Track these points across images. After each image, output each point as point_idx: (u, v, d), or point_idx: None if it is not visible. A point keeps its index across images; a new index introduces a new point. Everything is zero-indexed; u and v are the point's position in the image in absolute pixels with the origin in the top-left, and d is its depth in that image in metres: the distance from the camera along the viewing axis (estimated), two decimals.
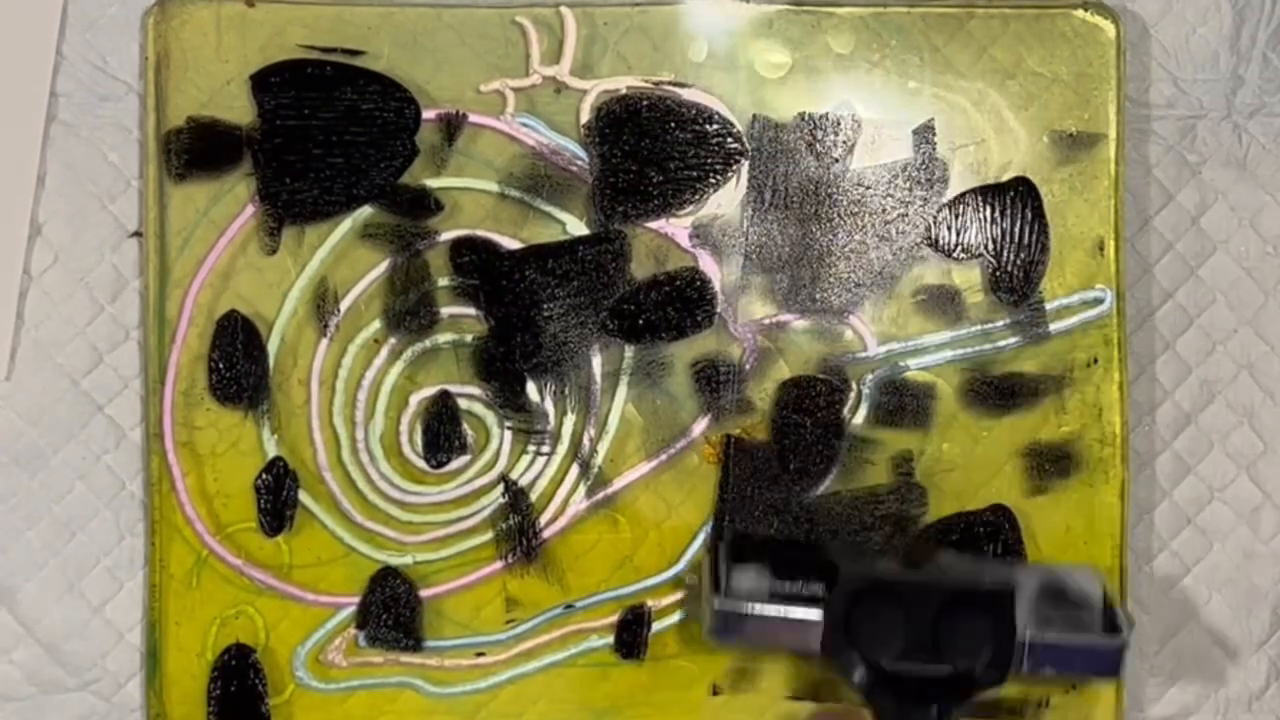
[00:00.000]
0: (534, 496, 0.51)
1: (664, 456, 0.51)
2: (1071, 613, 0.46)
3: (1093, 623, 0.46)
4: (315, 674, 0.51)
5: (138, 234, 0.52)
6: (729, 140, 0.51)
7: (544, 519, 0.51)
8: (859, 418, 0.51)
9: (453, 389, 0.51)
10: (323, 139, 0.50)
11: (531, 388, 0.51)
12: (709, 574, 0.47)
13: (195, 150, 0.50)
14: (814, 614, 0.45)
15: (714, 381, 0.51)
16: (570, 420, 0.51)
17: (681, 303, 0.51)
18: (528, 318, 0.51)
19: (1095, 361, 0.51)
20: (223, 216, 0.51)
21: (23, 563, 0.52)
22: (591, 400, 0.51)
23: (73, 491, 0.52)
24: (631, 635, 0.51)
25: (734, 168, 0.51)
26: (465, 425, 0.51)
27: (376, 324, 0.51)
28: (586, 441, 0.51)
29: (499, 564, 0.51)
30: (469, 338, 0.51)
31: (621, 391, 0.51)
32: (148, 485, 0.51)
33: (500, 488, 0.51)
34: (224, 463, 0.51)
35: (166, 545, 0.51)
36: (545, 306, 0.51)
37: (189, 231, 0.51)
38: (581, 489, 0.51)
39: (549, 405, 0.51)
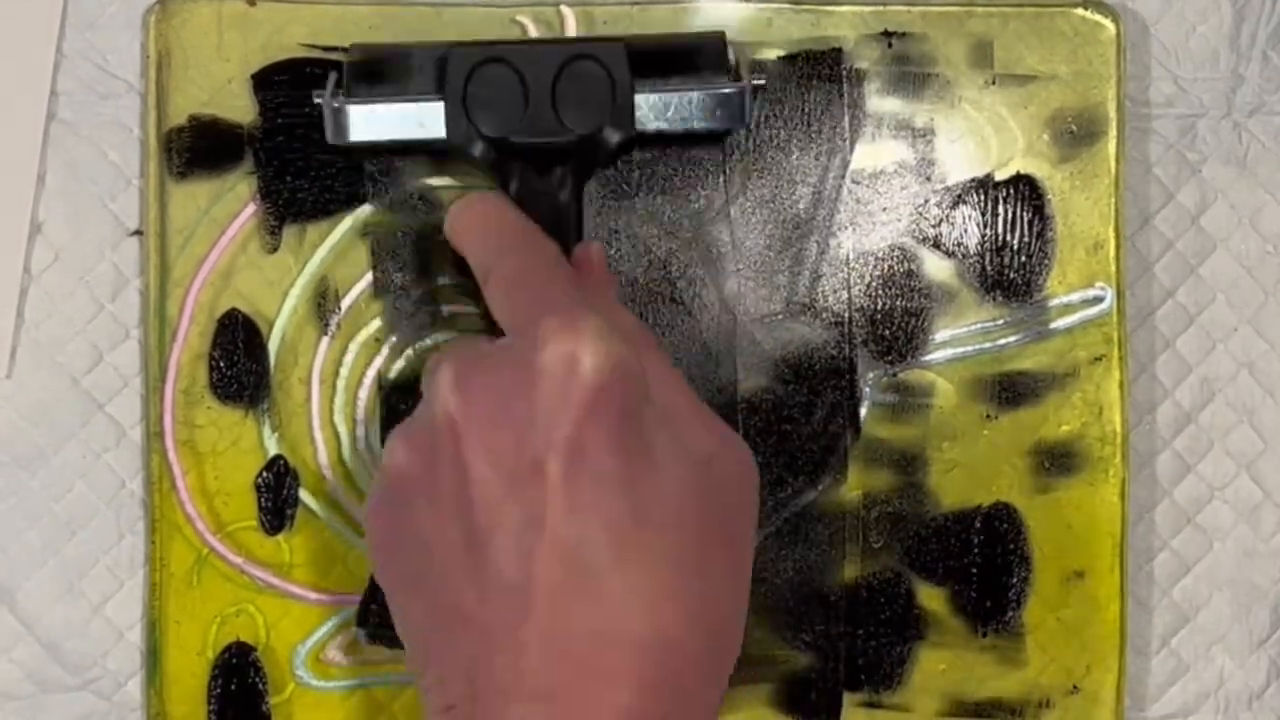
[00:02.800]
0: None
1: None
2: (695, 72, 0.47)
3: (717, 77, 0.47)
4: (316, 672, 0.51)
5: (138, 233, 0.52)
6: (728, 137, 0.51)
7: None
8: (860, 418, 0.52)
9: None
10: (323, 137, 0.50)
11: None
12: (331, 83, 0.47)
13: (196, 149, 0.51)
14: (432, 100, 0.45)
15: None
16: None
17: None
18: None
19: (1097, 360, 0.52)
20: (224, 215, 0.51)
21: (23, 562, 0.52)
22: None
23: (73, 490, 0.52)
24: None
25: (733, 165, 0.51)
26: None
27: (377, 322, 0.51)
28: None
29: None
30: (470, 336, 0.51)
31: None
32: (148, 484, 0.51)
33: None
34: (224, 461, 0.51)
35: (167, 544, 0.51)
36: None
37: (190, 230, 0.51)
38: None
39: None
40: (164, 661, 0.51)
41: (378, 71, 0.46)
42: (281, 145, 0.51)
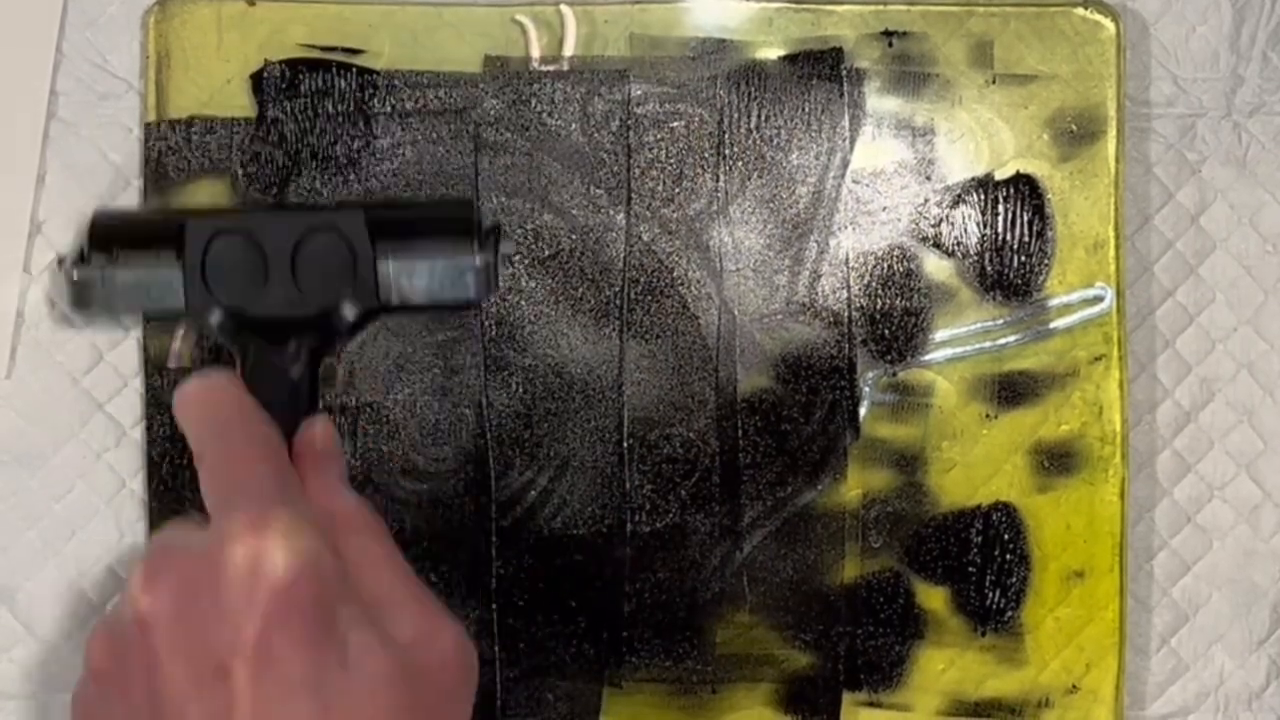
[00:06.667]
0: (532, 494, 0.51)
1: None
2: (441, 241, 0.44)
3: (463, 247, 0.44)
4: None
5: None
6: (728, 136, 0.51)
7: (543, 515, 0.51)
8: (859, 417, 0.52)
9: None
10: (329, 131, 0.51)
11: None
12: (73, 250, 0.45)
13: (196, 149, 0.50)
14: (170, 269, 0.44)
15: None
16: None
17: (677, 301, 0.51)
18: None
19: (1096, 360, 0.52)
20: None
21: (23, 562, 0.52)
22: None
23: (73, 490, 0.52)
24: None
25: (733, 164, 0.51)
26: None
27: (376, 323, 0.51)
28: None
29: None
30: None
31: (626, 390, 0.51)
32: (148, 484, 0.51)
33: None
34: None
35: None
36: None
37: None
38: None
39: None
40: None
41: (116, 240, 0.44)
42: (280, 145, 0.51)
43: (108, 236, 0.44)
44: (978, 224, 0.52)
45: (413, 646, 0.37)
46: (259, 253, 0.43)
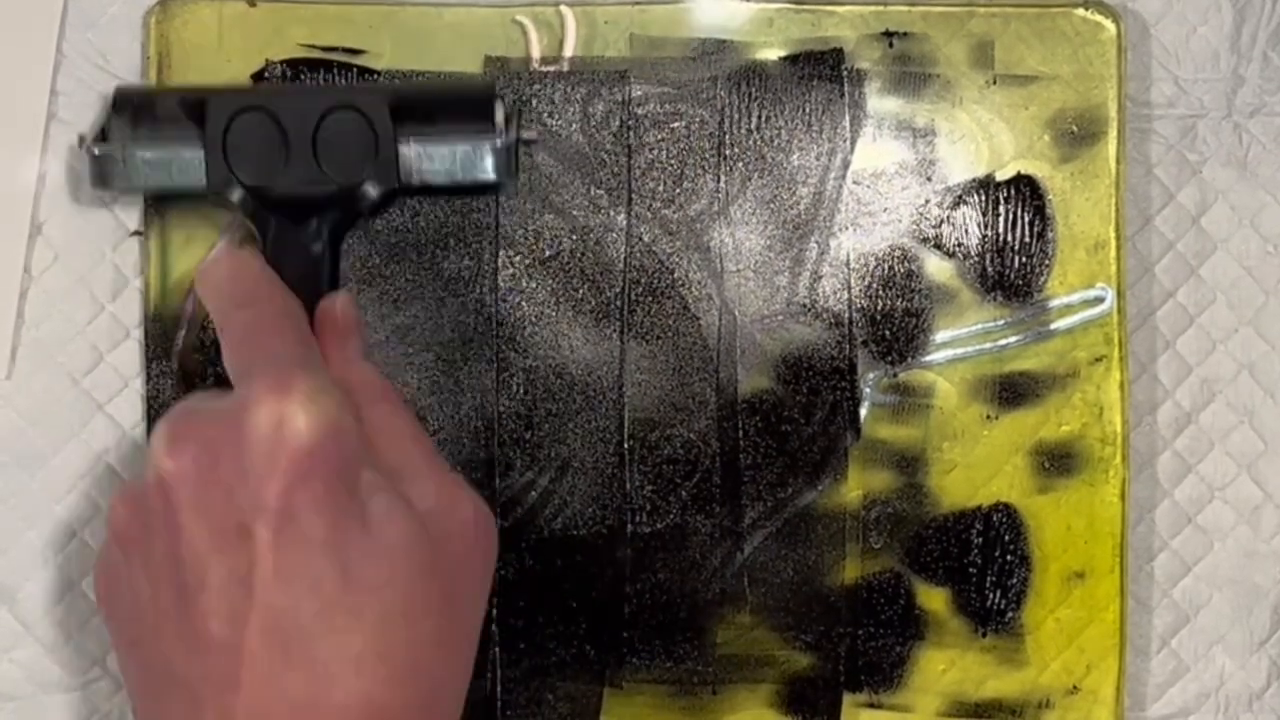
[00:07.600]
0: (532, 495, 0.51)
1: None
2: (462, 123, 0.45)
3: (484, 129, 0.45)
4: None
5: (138, 233, 0.52)
6: (729, 137, 0.51)
7: (544, 516, 0.51)
8: (860, 418, 0.52)
9: None
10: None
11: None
12: (95, 127, 0.46)
13: None
14: (191, 147, 0.45)
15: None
16: None
17: (679, 301, 0.51)
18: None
19: (1097, 360, 0.52)
20: (224, 214, 0.51)
21: (23, 563, 0.52)
22: None
23: (73, 491, 0.52)
24: None
25: (734, 165, 0.51)
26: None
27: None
28: None
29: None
30: None
31: (626, 391, 0.51)
32: None
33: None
34: None
35: None
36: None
37: (190, 230, 0.51)
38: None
39: None
40: None
41: (139, 117, 0.45)
42: None
43: (129, 113, 0.45)
44: (978, 225, 0.52)
45: (433, 514, 0.37)
46: (280, 131, 0.44)
